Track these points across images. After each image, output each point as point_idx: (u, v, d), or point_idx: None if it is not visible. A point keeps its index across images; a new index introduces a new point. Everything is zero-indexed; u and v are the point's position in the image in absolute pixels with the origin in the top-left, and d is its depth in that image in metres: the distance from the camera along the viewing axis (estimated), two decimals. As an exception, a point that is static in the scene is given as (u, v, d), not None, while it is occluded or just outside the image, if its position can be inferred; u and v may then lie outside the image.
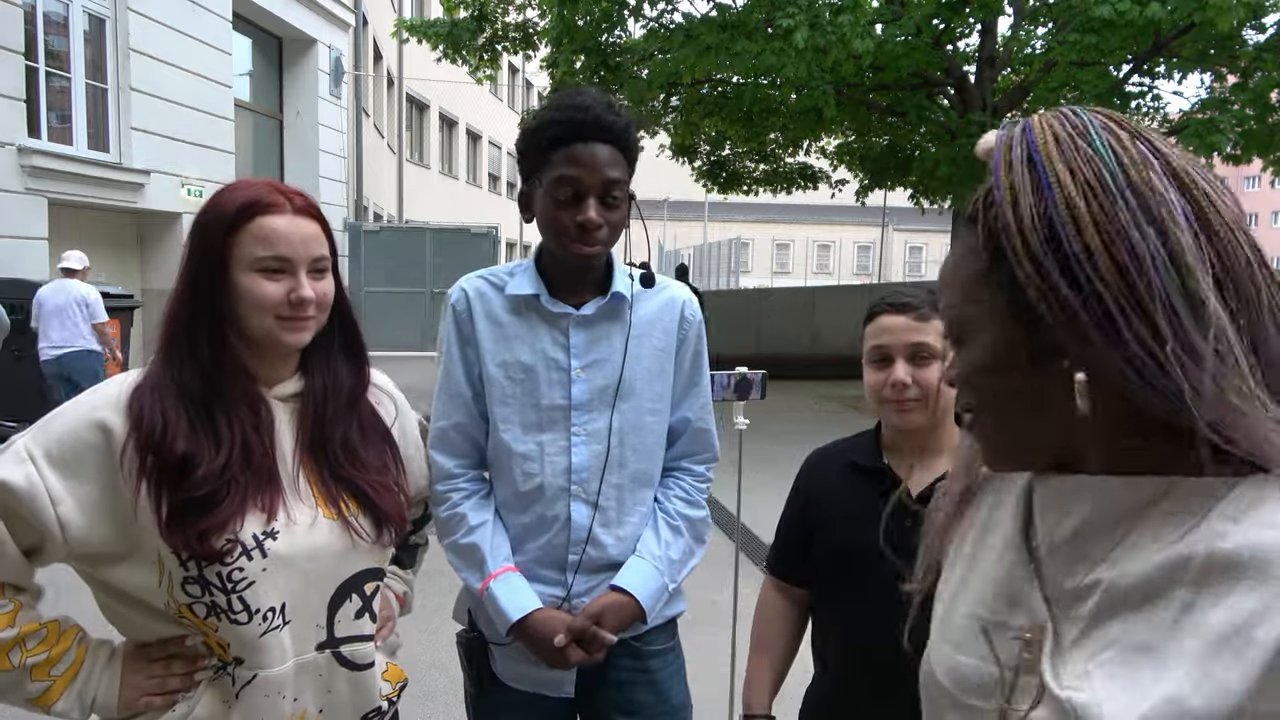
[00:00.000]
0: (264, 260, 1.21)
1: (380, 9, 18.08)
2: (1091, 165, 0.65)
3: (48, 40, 9.49)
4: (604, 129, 1.46)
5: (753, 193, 14.44)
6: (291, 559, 1.21)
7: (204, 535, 1.14)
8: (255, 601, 1.18)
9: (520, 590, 1.52)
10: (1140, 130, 0.68)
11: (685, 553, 1.62)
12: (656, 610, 1.57)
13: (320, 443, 1.30)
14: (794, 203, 21.80)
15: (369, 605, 1.31)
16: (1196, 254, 0.63)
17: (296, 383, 1.31)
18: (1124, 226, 0.63)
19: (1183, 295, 0.62)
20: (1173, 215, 0.64)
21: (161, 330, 1.25)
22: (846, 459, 1.60)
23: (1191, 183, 0.66)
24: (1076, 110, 0.69)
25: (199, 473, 1.16)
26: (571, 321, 1.55)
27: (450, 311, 1.60)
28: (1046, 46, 9.35)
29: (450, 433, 1.59)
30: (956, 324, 0.76)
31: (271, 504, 1.21)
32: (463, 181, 26.84)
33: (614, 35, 10.62)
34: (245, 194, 1.23)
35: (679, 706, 1.65)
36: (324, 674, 1.26)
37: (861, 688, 1.50)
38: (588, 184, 1.46)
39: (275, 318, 1.22)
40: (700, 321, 1.66)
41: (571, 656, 1.49)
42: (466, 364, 1.59)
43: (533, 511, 1.56)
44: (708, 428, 1.68)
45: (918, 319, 1.47)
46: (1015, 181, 0.67)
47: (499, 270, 1.63)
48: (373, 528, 1.29)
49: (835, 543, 1.55)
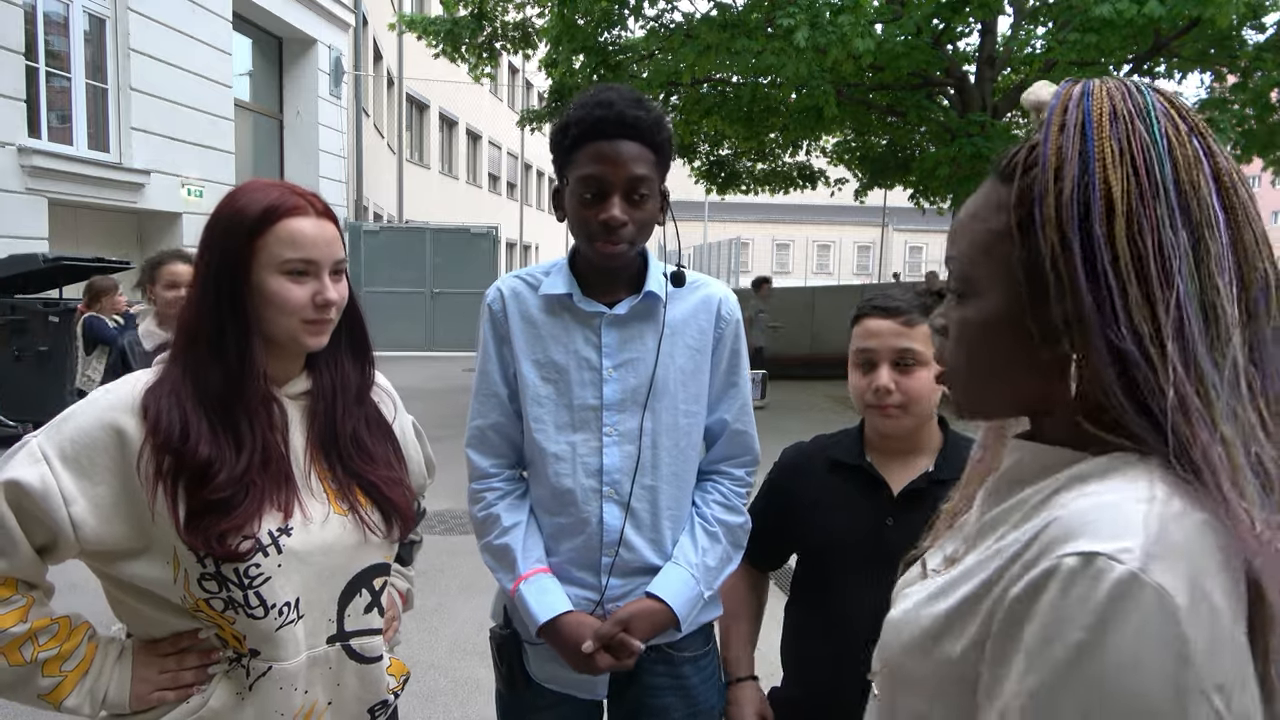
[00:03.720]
0: (291, 263, 1.21)
1: (380, 9, 18.07)
2: (1144, 153, 0.63)
3: (48, 40, 9.50)
4: (628, 125, 1.43)
5: (751, 192, 14.43)
6: (306, 555, 1.22)
7: (223, 536, 1.15)
8: (271, 596, 1.19)
9: (550, 592, 1.51)
10: (1198, 124, 0.66)
11: (722, 559, 1.59)
12: (691, 618, 1.55)
13: (331, 438, 1.31)
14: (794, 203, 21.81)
15: (377, 599, 1.33)
16: (1224, 264, 0.62)
17: (305, 381, 1.32)
18: (1159, 223, 0.62)
19: (1200, 303, 0.61)
20: (1211, 222, 0.63)
21: (180, 333, 1.25)
22: (828, 456, 1.59)
23: (1234, 190, 0.65)
24: (1141, 88, 0.67)
25: (220, 477, 1.16)
26: (604, 321, 1.54)
27: (487, 311, 1.60)
28: (1046, 46, 9.35)
29: (488, 432, 1.60)
30: (963, 278, 0.74)
31: (288, 504, 1.22)
32: (463, 181, 26.84)
33: (614, 34, 10.62)
34: (268, 196, 1.22)
35: (708, 710, 1.63)
36: (334, 667, 1.28)
37: (833, 689, 1.49)
38: (612, 181, 1.43)
39: (301, 321, 1.23)
40: (738, 320, 1.62)
41: (600, 662, 1.47)
42: (502, 364, 1.59)
43: (566, 512, 1.55)
44: (746, 430, 1.64)
45: (905, 324, 1.47)
46: (1064, 148, 0.65)
47: (535, 270, 1.62)
48: (383, 522, 1.31)
49: (815, 540, 1.56)
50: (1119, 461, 0.65)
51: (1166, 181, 0.63)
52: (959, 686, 0.66)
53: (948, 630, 0.67)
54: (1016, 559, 0.63)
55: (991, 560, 0.66)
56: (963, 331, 0.74)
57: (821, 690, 1.53)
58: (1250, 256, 0.64)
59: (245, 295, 1.21)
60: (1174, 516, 0.59)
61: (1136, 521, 0.59)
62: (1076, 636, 0.56)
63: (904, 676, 0.72)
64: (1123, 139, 0.64)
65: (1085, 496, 0.63)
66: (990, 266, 0.71)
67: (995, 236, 0.70)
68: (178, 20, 10.98)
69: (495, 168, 30.08)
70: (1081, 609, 0.57)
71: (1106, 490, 0.62)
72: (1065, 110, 0.66)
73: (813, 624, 1.57)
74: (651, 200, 1.47)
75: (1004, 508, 0.71)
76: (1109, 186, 0.63)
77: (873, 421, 1.54)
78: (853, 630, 1.44)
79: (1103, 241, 0.62)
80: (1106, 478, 0.64)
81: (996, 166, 0.73)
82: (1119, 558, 0.57)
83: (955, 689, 0.66)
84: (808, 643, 1.58)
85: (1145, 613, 0.55)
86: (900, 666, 0.72)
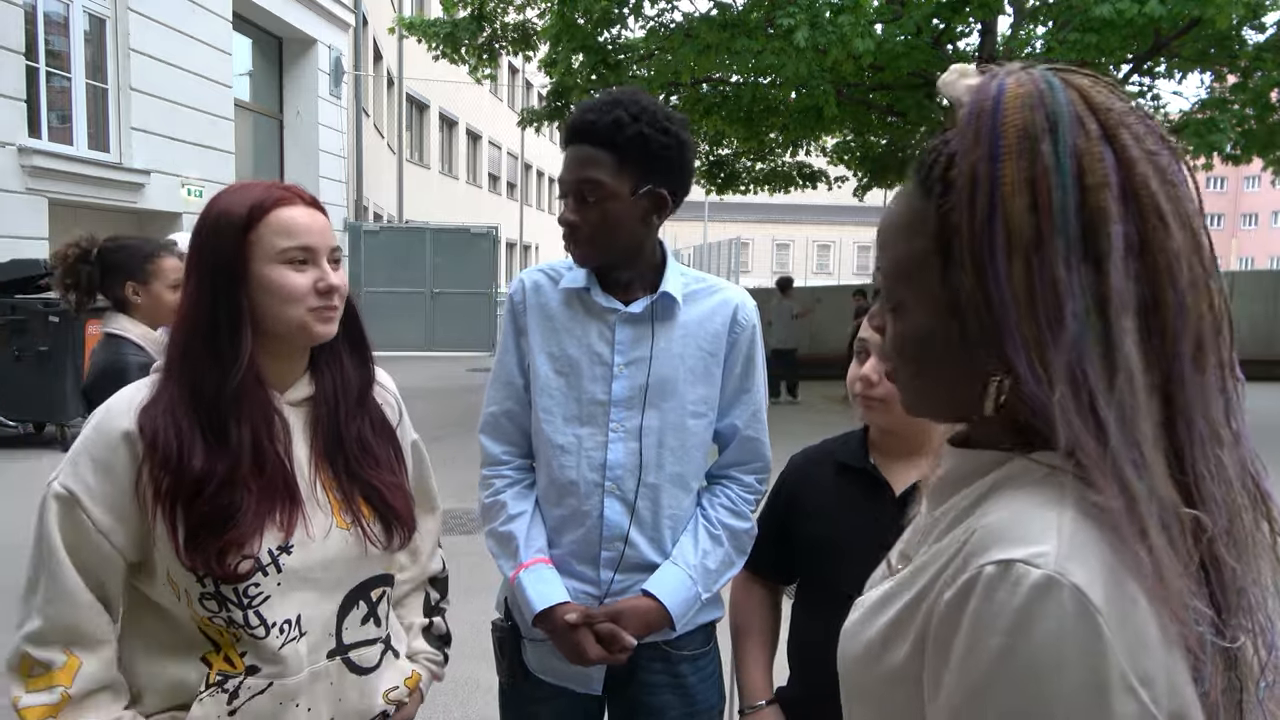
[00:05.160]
0: (289, 251, 1.19)
1: (380, 9, 18.08)
2: (1045, 178, 0.60)
3: (48, 40, 9.50)
4: (582, 130, 1.47)
5: (750, 192, 14.43)
6: (306, 572, 1.21)
7: (222, 554, 1.14)
8: (271, 615, 1.18)
9: (549, 582, 1.52)
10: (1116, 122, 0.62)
11: (724, 563, 1.59)
12: (687, 618, 1.55)
13: (336, 443, 1.29)
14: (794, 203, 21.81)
15: (374, 609, 1.31)
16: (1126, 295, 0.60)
17: (307, 385, 1.30)
18: (1050, 261, 0.60)
19: (1101, 340, 0.60)
20: (1112, 252, 0.60)
21: (172, 345, 1.22)
22: (834, 460, 1.59)
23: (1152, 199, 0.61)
24: (1054, 85, 0.63)
25: (210, 488, 1.15)
26: (618, 317, 1.55)
27: (509, 302, 1.64)
28: (1046, 46, 9.33)
29: (501, 419, 1.62)
30: (891, 294, 0.73)
31: (290, 520, 1.20)
32: (463, 181, 26.84)
33: (614, 34, 10.62)
34: (254, 192, 1.21)
35: (707, 709, 1.63)
36: (334, 681, 1.26)
37: (833, 689, 1.49)
38: (566, 185, 1.50)
39: (308, 309, 1.20)
40: (754, 326, 1.62)
41: (590, 652, 1.47)
42: (519, 354, 1.62)
43: (567, 504, 1.56)
44: (757, 436, 1.64)
45: None
46: (976, 170, 0.62)
47: (560, 264, 1.64)
48: (384, 534, 1.29)
49: (821, 544, 1.55)
50: (1034, 466, 0.65)
51: (1069, 211, 0.60)
52: (903, 690, 0.66)
53: (891, 639, 0.68)
54: (946, 568, 0.64)
55: (928, 566, 0.67)
56: (897, 343, 0.74)
57: (824, 691, 1.52)
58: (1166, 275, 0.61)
59: (242, 294, 1.18)
60: (1084, 521, 0.60)
61: (1050, 527, 0.59)
62: (998, 641, 0.57)
63: (855, 687, 0.73)
64: (1026, 163, 0.61)
65: (1002, 506, 0.64)
66: (916, 287, 0.70)
67: (919, 257, 0.69)
68: (178, 20, 10.98)
69: (495, 168, 30.07)
70: (1002, 613, 0.57)
71: (1022, 497, 0.63)
72: (980, 118, 0.63)
73: (815, 625, 1.56)
74: (610, 202, 1.47)
75: (941, 510, 0.73)
76: (1009, 219, 0.61)
77: (858, 412, 1.54)
78: None
79: (1004, 277, 0.61)
80: (1022, 484, 0.64)
81: (918, 169, 0.70)
82: (1034, 562, 0.57)
83: (901, 694, 0.67)
84: (810, 643, 1.58)
85: (1063, 612, 0.56)
86: (850, 677, 0.74)
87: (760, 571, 1.68)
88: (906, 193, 0.72)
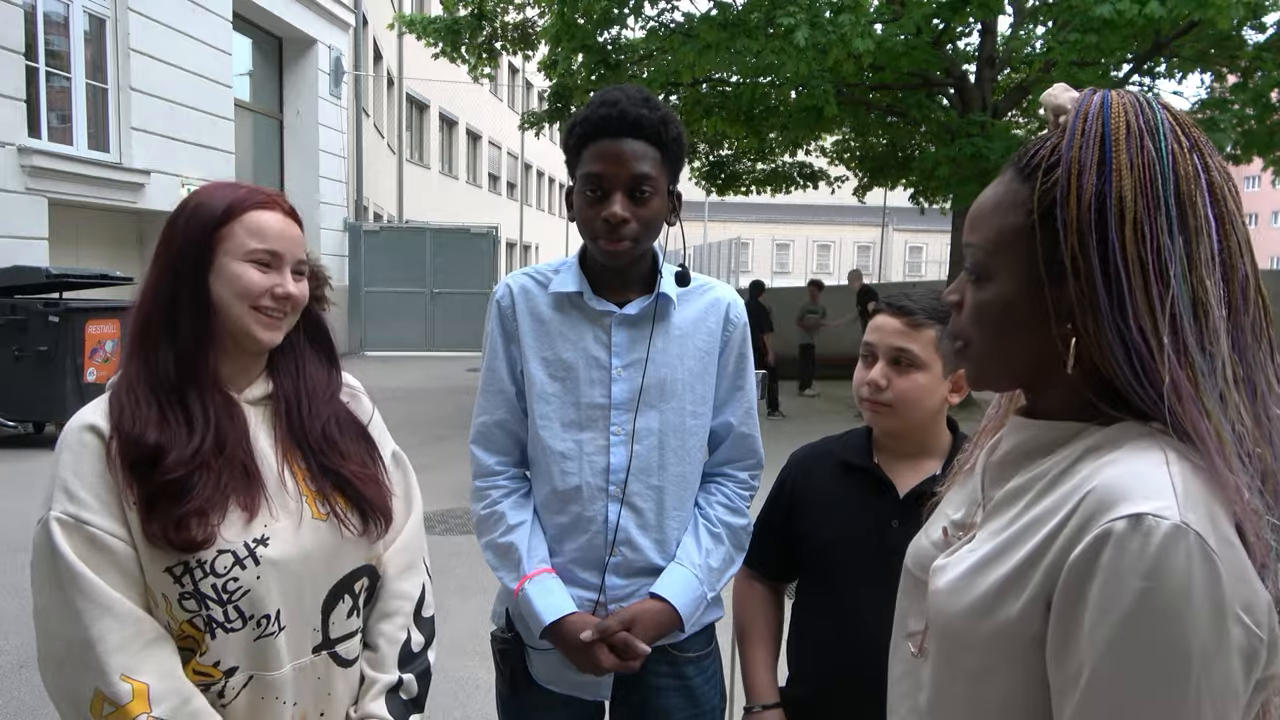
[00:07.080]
0: (256, 252, 1.22)
1: (380, 9, 18.06)
2: (1150, 168, 0.73)
3: (48, 40, 9.49)
4: (630, 123, 1.43)
5: (750, 192, 14.42)
6: (285, 564, 1.21)
7: (181, 523, 1.14)
8: (250, 609, 1.18)
9: (555, 593, 1.51)
10: (1199, 141, 0.75)
11: (725, 560, 1.59)
12: (695, 619, 1.55)
13: (301, 435, 1.30)
14: (794, 203, 21.82)
15: (358, 603, 1.33)
16: (1213, 267, 0.72)
17: (264, 384, 1.31)
18: (1159, 231, 0.72)
19: (1191, 301, 0.72)
20: (1202, 230, 0.73)
21: (134, 324, 1.25)
22: (836, 458, 1.59)
23: (1224, 200, 0.74)
24: (1153, 104, 0.76)
25: (170, 458, 1.16)
26: (614, 320, 1.54)
27: (495, 308, 1.60)
28: (1046, 46, 9.34)
29: (493, 429, 1.60)
30: (981, 264, 0.83)
31: (253, 501, 1.21)
32: (463, 181, 26.83)
33: (614, 33, 10.62)
34: (235, 192, 1.25)
35: (711, 710, 1.63)
36: (322, 676, 1.27)
37: (839, 689, 1.48)
38: (613, 179, 1.44)
39: (252, 308, 1.22)
40: (745, 324, 1.63)
41: (604, 661, 1.46)
42: (510, 360, 1.58)
43: (570, 511, 1.54)
44: (751, 433, 1.65)
45: (910, 325, 1.46)
46: (1083, 157, 0.74)
47: (544, 267, 1.62)
48: (360, 522, 1.30)
49: (824, 542, 1.55)
50: (1125, 432, 0.75)
51: (1168, 194, 0.72)
52: (1017, 640, 0.75)
53: (1004, 594, 0.76)
54: (1062, 527, 0.72)
55: (1034, 528, 0.75)
56: (979, 310, 0.83)
57: (826, 688, 1.52)
58: (1234, 258, 0.74)
59: (205, 280, 1.21)
60: (1188, 475, 0.70)
61: (1165, 483, 0.69)
62: (1137, 584, 0.66)
63: (961, 638, 0.81)
64: (1134, 154, 0.73)
65: (1110, 465, 0.73)
66: (1007, 257, 0.80)
67: (1014, 230, 0.79)
68: (178, 20, 10.98)
69: (495, 168, 30.08)
70: (1139, 561, 0.66)
71: (1126, 459, 0.72)
72: (1086, 119, 0.75)
73: (817, 623, 1.57)
74: (657, 199, 1.47)
75: (1023, 480, 0.81)
76: (1122, 196, 0.72)
77: (865, 416, 1.54)
78: (856, 630, 1.44)
79: (1116, 244, 0.72)
80: (1120, 447, 0.74)
81: (1017, 163, 0.81)
82: (1163, 514, 0.67)
83: (1014, 643, 0.75)
84: (812, 642, 1.58)
85: (1190, 555, 0.66)
86: (956, 629, 0.81)
87: (762, 570, 1.68)
88: (1003, 180, 0.83)
